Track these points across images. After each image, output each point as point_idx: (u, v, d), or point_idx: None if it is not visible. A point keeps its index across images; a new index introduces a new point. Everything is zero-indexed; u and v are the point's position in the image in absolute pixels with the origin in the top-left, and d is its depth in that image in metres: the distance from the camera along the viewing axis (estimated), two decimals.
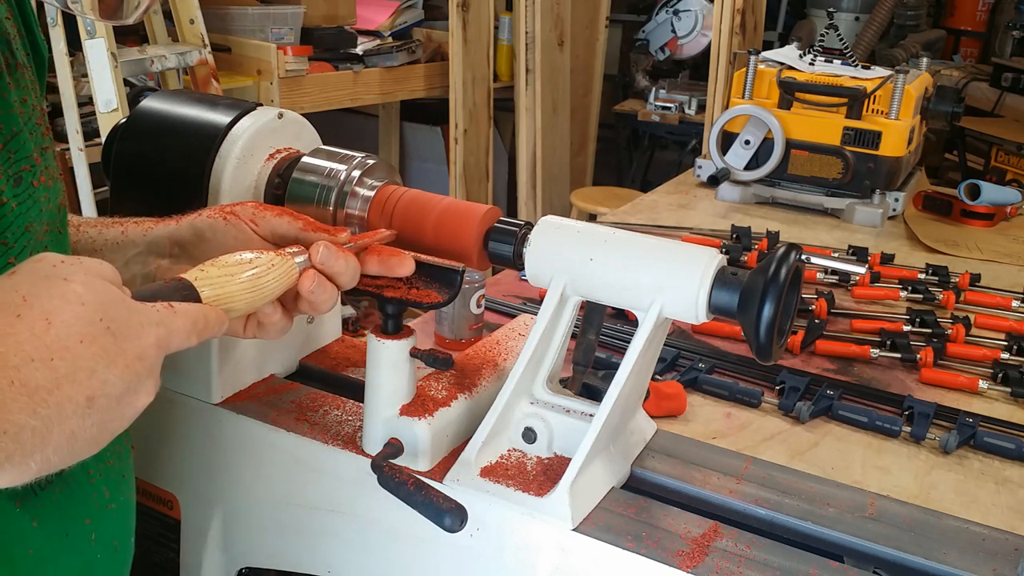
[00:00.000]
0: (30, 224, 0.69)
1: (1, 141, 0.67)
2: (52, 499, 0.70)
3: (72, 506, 0.72)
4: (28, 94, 0.72)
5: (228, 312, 0.70)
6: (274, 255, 0.75)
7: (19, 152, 0.69)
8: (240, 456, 0.98)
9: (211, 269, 0.71)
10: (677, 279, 0.82)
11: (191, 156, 0.94)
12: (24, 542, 0.68)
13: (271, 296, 0.75)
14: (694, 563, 0.80)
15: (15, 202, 0.68)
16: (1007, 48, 4.73)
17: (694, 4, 4.46)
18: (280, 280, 0.75)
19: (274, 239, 0.83)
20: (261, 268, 0.73)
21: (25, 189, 0.69)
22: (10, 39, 0.71)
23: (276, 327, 0.79)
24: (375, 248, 0.84)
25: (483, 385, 0.96)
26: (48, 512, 0.70)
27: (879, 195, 2.25)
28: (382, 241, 0.86)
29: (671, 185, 2.55)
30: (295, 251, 0.78)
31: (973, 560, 0.85)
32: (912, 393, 1.39)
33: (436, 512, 0.79)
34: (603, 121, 4.48)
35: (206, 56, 2.71)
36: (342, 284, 0.80)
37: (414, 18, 3.81)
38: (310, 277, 0.77)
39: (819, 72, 2.34)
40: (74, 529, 0.73)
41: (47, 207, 0.72)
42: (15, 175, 0.68)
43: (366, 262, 0.83)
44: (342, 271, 0.79)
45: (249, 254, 0.74)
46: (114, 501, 0.77)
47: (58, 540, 0.71)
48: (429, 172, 4.38)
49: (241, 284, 0.71)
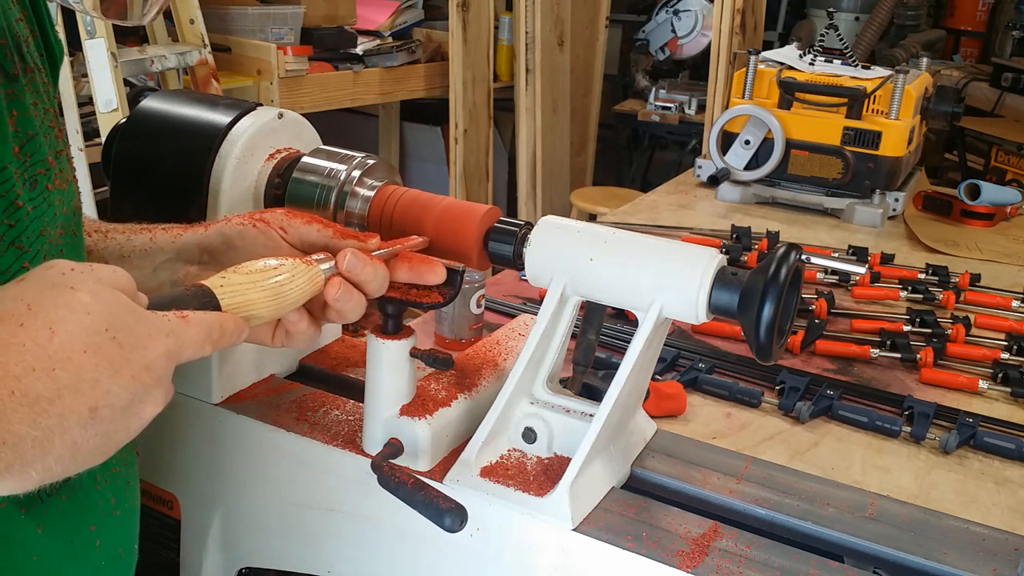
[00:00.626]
0: (44, 228, 0.69)
1: (17, 144, 0.67)
2: (58, 506, 0.70)
3: (78, 513, 0.72)
4: (41, 97, 0.72)
5: (250, 320, 0.69)
6: (299, 262, 0.74)
7: (35, 155, 0.69)
8: (240, 456, 0.98)
9: (233, 276, 0.69)
10: (677, 279, 0.82)
11: (191, 156, 0.94)
12: (29, 549, 0.68)
13: (295, 304, 0.74)
14: (694, 563, 0.80)
15: (31, 205, 0.67)
16: (1007, 48, 4.73)
17: (694, 4, 4.46)
18: (304, 288, 0.74)
19: (303, 247, 0.82)
20: (285, 275, 0.72)
21: (40, 192, 0.69)
22: (22, 41, 0.71)
23: (303, 335, 0.78)
24: (405, 255, 0.83)
25: (483, 385, 0.96)
26: (54, 519, 0.70)
27: (879, 195, 2.25)
28: (414, 248, 0.85)
29: (671, 185, 2.55)
30: (321, 258, 0.77)
31: (973, 560, 0.85)
32: (912, 393, 1.39)
33: (436, 512, 0.79)
34: (603, 121, 4.48)
35: (206, 56, 2.71)
36: (370, 292, 0.79)
37: (414, 18, 3.81)
38: (336, 284, 0.76)
39: (819, 72, 2.34)
40: (79, 536, 0.72)
41: (61, 211, 0.72)
42: (31, 178, 0.68)
43: (396, 269, 0.82)
44: (370, 279, 0.79)
45: (273, 261, 0.72)
46: (119, 508, 0.77)
47: (63, 547, 0.71)
48: (429, 172, 4.38)
49: (264, 291, 0.70)
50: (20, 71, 0.69)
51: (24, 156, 0.67)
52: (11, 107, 0.67)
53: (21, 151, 0.67)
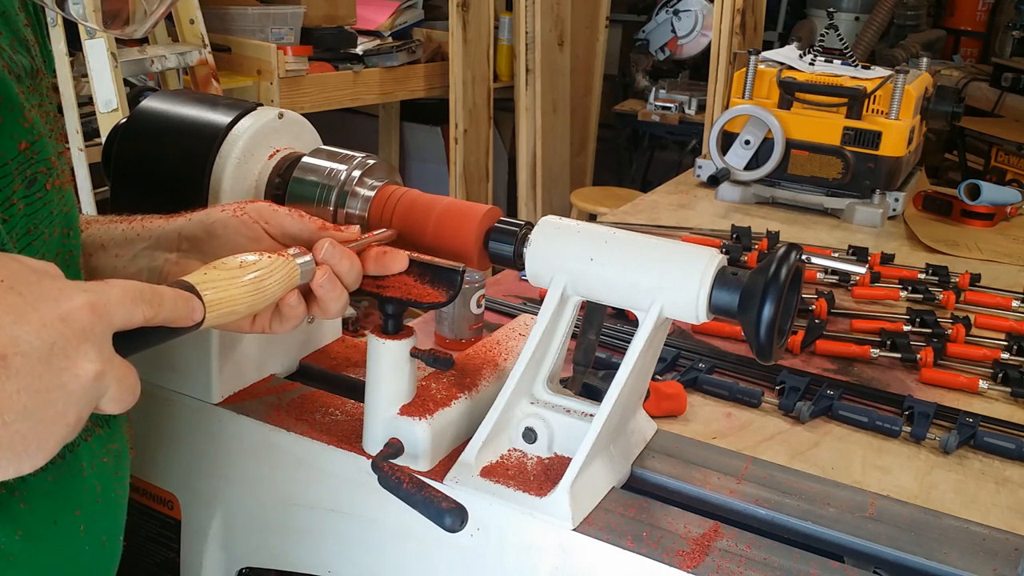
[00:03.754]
0: (36, 225, 0.69)
1: (27, 141, 0.67)
2: (42, 486, 0.70)
3: (63, 495, 0.72)
4: (45, 99, 0.72)
5: (231, 314, 0.71)
6: (276, 257, 0.76)
7: (40, 154, 0.69)
8: (240, 456, 0.98)
9: (213, 272, 0.71)
10: (677, 279, 0.82)
11: (191, 156, 0.94)
12: (15, 524, 0.68)
13: (273, 298, 0.76)
14: (694, 563, 0.80)
15: (24, 203, 0.67)
16: (1007, 48, 4.74)
17: (694, 4, 4.46)
18: (282, 282, 0.76)
19: (284, 239, 0.83)
20: (263, 271, 0.74)
21: (38, 190, 0.69)
22: (30, 46, 0.72)
23: (298, 320, 0.80)
24: (371, 248, 0.85)
25: (483, 385, 0.96)
26: (37, 498, 0.70)
27: (879, 195, 2.26)
28: (382, 241, 0.87)
29: (671, 185, 2.55)
30: (296, 252, 0.78)
31: (973, 560, 0.85)
32: (912, 393, 1.39)
33: (436, 512, 0.79)
34: (603, 121, 4.48)
35: (206, 56, 2.71)
36: (347, 284, 0.81)
37: (414, 18, 3.81)
38: (322, 271, 0.78)
39: (819, 72, 2.34)
40: (63, 518, 0.73)
41: (61, 209, 0.72)
42: (31, 176, 0.68)
43: (364, 261, 0.84)
44: (346, 271, 0.80)
45: (251, 256, 0.74)
46: (104, 496, 0.77)
47: (46, 526, 0.71)
48: (429, 172, 4.38)
49: (244, 287, 0.72)
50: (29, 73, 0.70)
51: (30, 154, 0.68)
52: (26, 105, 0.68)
53: (29, 148, 0.67)
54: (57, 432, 0.55)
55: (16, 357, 0.52)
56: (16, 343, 0.52)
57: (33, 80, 0.71)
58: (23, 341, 0.53)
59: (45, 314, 0.54)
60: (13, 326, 0.53)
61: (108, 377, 0.57)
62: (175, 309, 0.64)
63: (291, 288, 0.77)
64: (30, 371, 0.53)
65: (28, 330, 0.53)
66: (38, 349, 0.53)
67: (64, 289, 0.56)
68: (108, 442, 0.77)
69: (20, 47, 0.71)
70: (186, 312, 0.65)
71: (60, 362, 0.54)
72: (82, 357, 0.55)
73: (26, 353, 0.53)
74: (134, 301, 0.60)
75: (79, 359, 0.55)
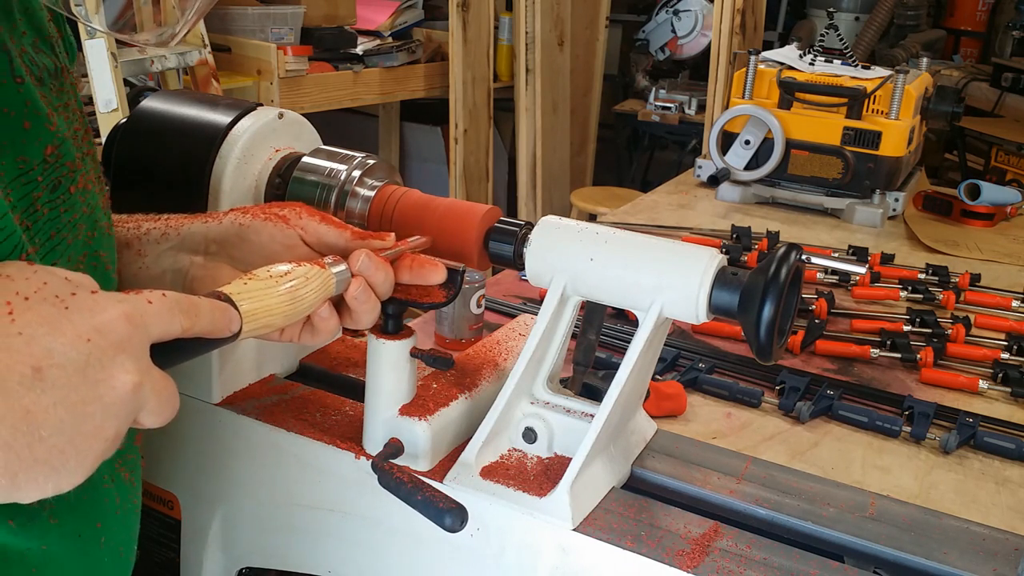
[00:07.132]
0: (59, 230, 0.67)
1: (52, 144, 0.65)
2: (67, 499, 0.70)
3: (85, 508, 0.72)
4: (70, 97, 0.70)
5: (268, 325, 0.69)
6: (312, 266, 0.74)
7: (64, 157, 0.67)
8: (240, 456, 0.98)
9: (250, 282, 0.69)
10: (677, 279, 0.82)
11: (191, 156, 0.94)
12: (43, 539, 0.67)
13: (309, 309, 0.74)
14: (694, 563, 0.80)
15: (47, 208, 0.66)
16: (1007, 48, 4.74)
17: (694, 4, 4.47)
18: (318, 292, 0.74)
19: (319, 247, 0.81)
20: (299, 280, 0.72)
21: (61, 195, 0.67)
22: (54, 42, 0.70)
23: (332, 332, 0.78)
24: (406, 255, 0.83)
25: (483, 385, 0.96)
26: (64, 512, 0.69)
27: (879, 195, 2.26)
28: (417, 248, 0.85)
29: (671, 185, 2.55)
30: (331, 261, 0.77)
31: (973, 560, 0.85)
32: (912, 393, 1.39)
33: (436, 512, 0.79)
34: (603, 121, 4.48)
35: (206, 56, 2.71)
36: (380, 295, 0.80)
37: (414, 18, 3.81)
38: (357, 283, 0.77)
39: (819, 72, 2.34)
40: (86, 531, 0.72)
41: (82, 211, 0.70)
42: (54, 180, 0.66)
43: (398, 270, 0.82)
44: (381, 282, 0.79)
45: (285, 266, 0.73)
46: (122, 508, 0.77)
47: (72, 540, 0.70)
48: (429, 172, 4.38)
49: (280, 297, 0.70)
50: (54, 70, 0.68)
51: (54, 159, 0.66)
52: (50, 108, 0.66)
53: (53, 153, 0.66)
54: (96, 447, 0.53)
55: (51, 369, 0.51)
56: (51, 355, 0.51)
57: (57, 80, 0.69)
58: (58, 353, 0.51)
59: (80, 325, 0.53)
60: (47, 338, 0.51)
61: (146, 389, 0.55)
62: (212, 320, 0.62)
63: (326, 299, 0.75)
64: (66, 383, 0.51)
65: (63, 341, 0.52)
66: (73, 361, 0.52)
67: (99, 300, 0.55)
68: (125, 452, 0.77)
69: (44, 45, 0.69)
70: (223, 323, 0.64)
71: (96, 374, 0.53)
72: (119, 368, 0.54)
73: (61, 365, 0.51)
74: (171, 312, 0.58)
75: (116, 370, 0.54)
